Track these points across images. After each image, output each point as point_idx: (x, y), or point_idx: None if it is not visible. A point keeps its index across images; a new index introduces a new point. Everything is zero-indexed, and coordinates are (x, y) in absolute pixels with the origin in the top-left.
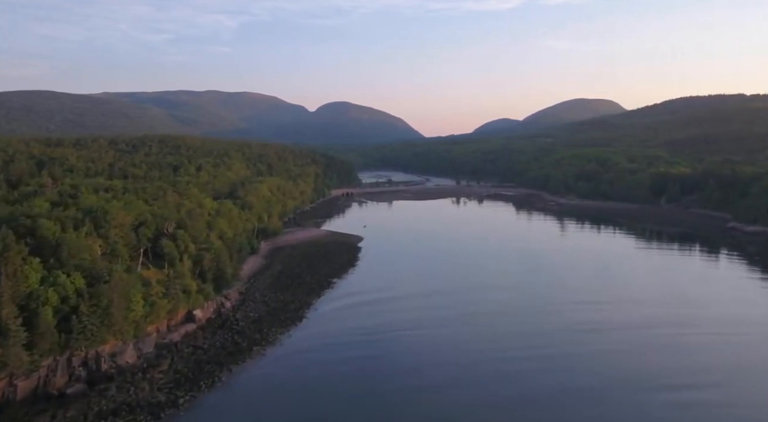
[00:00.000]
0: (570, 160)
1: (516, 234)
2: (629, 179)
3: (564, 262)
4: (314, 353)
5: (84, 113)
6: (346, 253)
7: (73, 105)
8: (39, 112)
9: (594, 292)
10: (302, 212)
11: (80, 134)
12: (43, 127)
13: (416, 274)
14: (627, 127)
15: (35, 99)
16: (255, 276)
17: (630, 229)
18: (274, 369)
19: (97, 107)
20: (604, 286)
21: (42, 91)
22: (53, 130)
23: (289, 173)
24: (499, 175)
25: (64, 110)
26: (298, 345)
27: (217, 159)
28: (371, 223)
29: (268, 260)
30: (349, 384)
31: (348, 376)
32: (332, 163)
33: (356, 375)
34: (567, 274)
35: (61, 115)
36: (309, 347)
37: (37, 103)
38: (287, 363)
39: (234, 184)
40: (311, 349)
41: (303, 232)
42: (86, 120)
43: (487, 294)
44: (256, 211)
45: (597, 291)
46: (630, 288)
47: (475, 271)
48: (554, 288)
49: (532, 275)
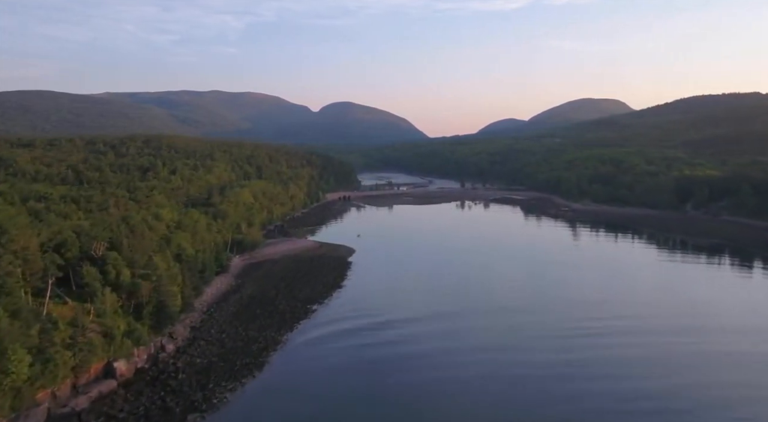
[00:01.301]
0: (582, 162)
1: (528, 244)
2: (650, 182)
3: (585, 279)
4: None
5: (82, 113)
6: (334, 270)
7: (70, 105)
8: (36, 112)
9: (625, 318)
10: (292, 219)
11: (72, 134)
12: (39, 126)
13: (414, 296)
14: (638, 127)
15: (33, 99)
16: (218, 302)
17: (655, 240)
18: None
19: (96, 107)
20: (641, 313)
21: (40, 91)
22: (48, 130)
23: (280, 176)
24: (506, 177)
25: (61, 110)
26: (250, 407)
27: (199, 161)
28: (367, 232)
29: (240, 280)
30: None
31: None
32: (329, 165)
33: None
34: (590, 294)
35: (58, 115)
36: (265, 409)
37: (34, 102)
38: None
39: (212, 188)
40: (267, 411)
41: (287, 244)
42: (84, 120)
43: (498, 319)
44: (232, 221)
45: (629, 317)
46: (674, 317)
47: (484, 290)
48: (576, 311)
49: (549, 295)
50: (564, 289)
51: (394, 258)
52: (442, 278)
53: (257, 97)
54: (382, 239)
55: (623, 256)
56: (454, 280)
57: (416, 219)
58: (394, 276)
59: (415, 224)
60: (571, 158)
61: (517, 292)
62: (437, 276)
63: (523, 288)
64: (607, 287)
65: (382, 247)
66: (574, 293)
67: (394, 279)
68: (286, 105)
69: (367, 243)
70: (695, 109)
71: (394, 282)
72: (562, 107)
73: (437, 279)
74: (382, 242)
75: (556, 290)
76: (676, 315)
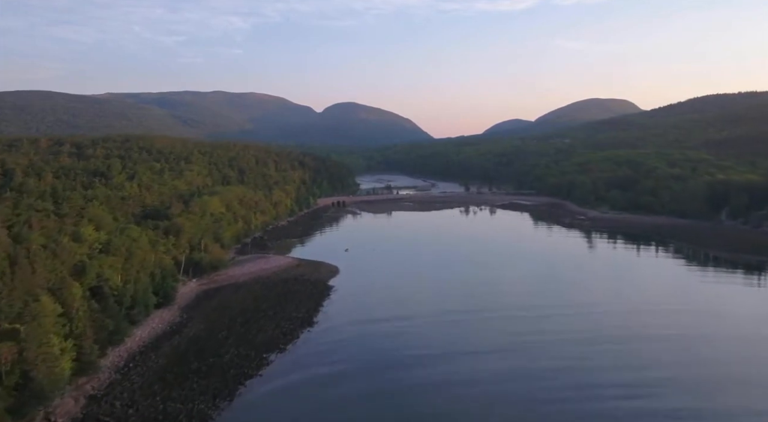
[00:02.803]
0: (596, 164)
1: (543, 262)
2: (677, 188)
3: (618, 313)
4: None
5: (78, 114)
6: (308, 299)
7: (67, 105)
8: (31, 112)
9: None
10: (275, 229)
11: (61, 135)
12: (33, 127)
13: (405, 341)
14: (651, 127)
15: (30, 99)
16: (145, 352)
17: (690, 256)
18: None
19: (93, 107)
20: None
21: (38, 91)
22: (43, 130)
23: (266, 180)
24: (513, 180)
25: (57, 110)
26: None
27: (172, 163)
28: (358, 244)
29: (187, 314)
30: None
31: None
32: (324, 167)
33: None
34: (628, 334)
35: (54, 116)
36: None
37: (30, 102)
38: None
39: (173, 197)
40: None
41: (258, 263)
42: (80, 121)
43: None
44: (191, 237)
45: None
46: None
47: (493, 326)
48: (609, 362)
49: (574, 333)
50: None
51: (384, 280)
52: (442, 311)
53: (260, 98)
54: (373, 254)
55: (656, 283)
56: (457, 317)
57: (415, 229)
58: (381, 308)
59: (413, 234)
60: (584, 160)
61: (525, 320)
62: (435, 310)
63: (533, 314)
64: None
65: (373, 265)
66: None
67: (380, 313)
68: (289, 105)
69: (355, 260)
70: (710, 108)
71: (380, 318)
72: (569, 107)
73: (436, 315)
74: (374, 258)
75: (578, 325)
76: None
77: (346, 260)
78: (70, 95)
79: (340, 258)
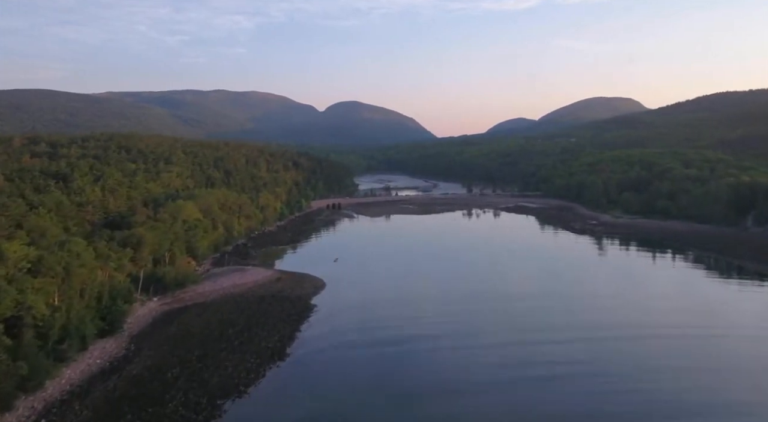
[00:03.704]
0: (606, 164)
1: (555, 275)
2: (697, 191)
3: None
4: None
5: (76, 113)
6: (284, 323)
7: (66, 104)
8: (28, 111)
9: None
10: (261, 235)
11: (59, 133)
12: (29, 126)
13: (393, 377)
14: (660, 125)
15: (28, 97)
16: (69, 399)
17: (716, 267)
18: None
19: (92, 106)
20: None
21: (37, 90)
22: (39, 129)
23: (255, 181)
24: (518, 181)
25: (55, 109)
26: None
27: (150, 164)
28: (350, 251)
29: (136, 345)
30: None
31: None
32: (319, 167)
33: None
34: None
35: (51, 115)
36: None
37: (28, 101)
38: None
39: (137, 203)
40: None
41: (233, 277)
42: (78, 120)
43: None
44: (156, 248)
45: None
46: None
47: (508, 362)
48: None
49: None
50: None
51: (375, 296)
52: (441, 338)
53: (263, 97)
54: (366, 264)
55: (685, 300)
56: (463, 346)
57: (413, 235)
58: (368, 334)
59: (411, 241)
60: (593, 160)
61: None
62: (433, 335)
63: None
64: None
65: (364, 278)
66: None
67: (366, 339)
68: (291, 104)
69: (345, 271)
70: (720, 106)
71: (366, 346)
72: (574, 106)
73: (433, 343)
74: (365, 269)
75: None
76: None
77: (335, 272)
78: (68, 94)
79: (327, 270)
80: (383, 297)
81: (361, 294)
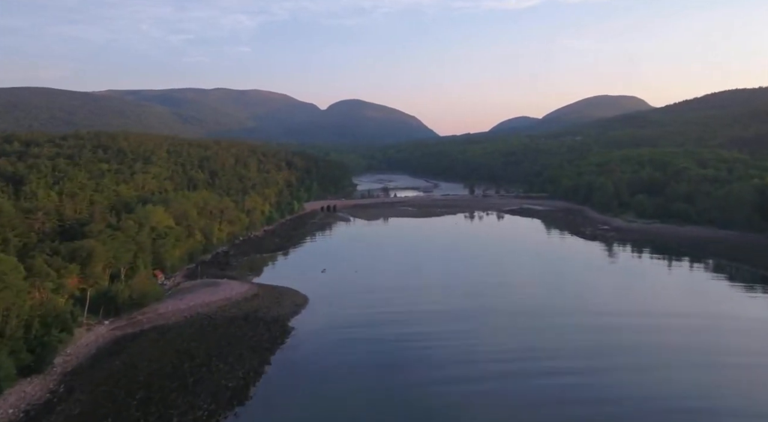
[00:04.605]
0: (616, 164)
1: (566, 288)
2: (719, 193)
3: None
4: None
5: (74, 111)
6: (255, 350)
7: (63, 102)
8: (24, 109)
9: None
10: (246, 241)
11: (40, 132)
12: (25, 124)
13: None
14: (668, 123)
15: (25, 96)
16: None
17: (746, 279)
18: None
19: (90, 105)
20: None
21: (35, 88)
22: (35, 128)
23: (243, 183)
24: (523, 182)
25: (52, 107)
26: None
27: (125, 164)
28: (340, 260)
29: (64, 387)
30: None
31: None
32: (315, 167)
33: None
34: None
35: (48, 113)
36: None
37: (25, 99)
38: None
39: (96, 210)
40: None
41: (203, 293)
42: (75, 118)
43: None
44: (112, 261)
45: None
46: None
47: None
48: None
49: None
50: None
51: (364, 317)
52: (439, 370)
53: (264, 95)
54: (356, 274)
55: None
56: (468, 381)
57: (411, 240)
58: (348, 368)
59: (408, 246)
60: (602, 160)
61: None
62: (432, 366)
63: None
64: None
65: (353, 292)
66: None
67: (348, 378)
68: (293, 103)
69: (333, 284)
70: (730, 103)
71: (349, 385)
72: (578, 104)
73: (429, 377)
74: (356, 282)
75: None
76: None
77: (321, 285)
78: (67, 92)
79: (314, 282)
80: (372, 316)
81: (346, 313)
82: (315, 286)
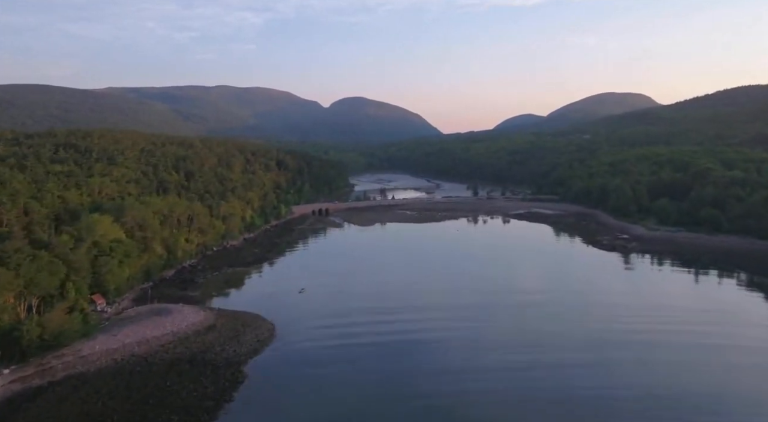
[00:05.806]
0: (633, 164)
1: (585, 311)
2: (753, 199)
3: None
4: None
5: (71, 108)
6: (189, 415)
7: (61, 99)
8: (20, 107)
9: None
10: (219, 252)
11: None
12: (20, 122)
13: None
14: (680, 120)
15: (23, 93)
16: None
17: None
18: None
19: (89, 102)
20: None
21: (33, 85)
22: (30, 125)
23: (224, 185)
24: (530, 182)
25: (49, 105)
26: None
27: (86, 164)
28: (325, 274)
29: None
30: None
31: None
32: (307, 167)
33: None
34: None
35: (44, 110)
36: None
37: (22, 97)
38: None
39: (28, 220)
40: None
41: (144, 326)
42: (72, 115)
43: None
44: (17, 292)
45: None
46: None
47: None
48: None
49: None
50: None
51: (341, 349)
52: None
53: (267, 93)
54: (339, 295)
55: None
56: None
57: (407, 252)
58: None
59: (404, 260)
60: (614, 159)
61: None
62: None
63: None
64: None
65: (332, 316)
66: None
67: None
68: (296, 100)
69: (309, 307)
70: (743, 100)
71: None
72: (584, 102)
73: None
74: (337, 303)
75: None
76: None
77: (297, 308)
78: (66, 89)
79: (287, 306)
80: (351, 352)
81: (319, 350)
82: (288, 311)
